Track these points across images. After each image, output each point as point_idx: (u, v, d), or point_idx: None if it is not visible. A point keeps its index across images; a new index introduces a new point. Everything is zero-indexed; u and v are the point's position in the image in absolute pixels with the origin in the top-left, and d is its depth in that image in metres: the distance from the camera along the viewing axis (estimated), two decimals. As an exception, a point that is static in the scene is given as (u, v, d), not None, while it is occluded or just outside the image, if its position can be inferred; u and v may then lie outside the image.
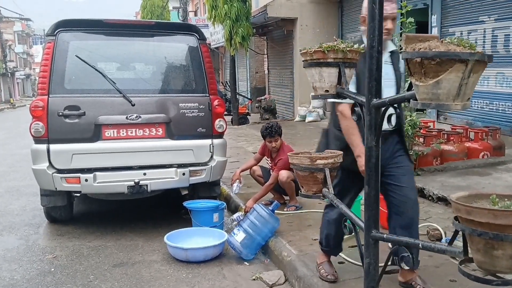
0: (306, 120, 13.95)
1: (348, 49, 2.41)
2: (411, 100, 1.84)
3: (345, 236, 4.33)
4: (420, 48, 1.70)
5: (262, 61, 18.96)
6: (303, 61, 2.56)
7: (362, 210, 4.44)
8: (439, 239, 4.20)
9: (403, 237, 2.34)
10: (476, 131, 6.87)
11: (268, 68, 18.20)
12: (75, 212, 6.02)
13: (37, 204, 5.90)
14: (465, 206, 1.68)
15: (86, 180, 4.89)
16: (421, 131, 6.46)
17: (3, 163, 9.96)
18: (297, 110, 14.72)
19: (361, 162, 2.90)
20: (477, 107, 8.57)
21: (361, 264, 3.77)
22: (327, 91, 2.48)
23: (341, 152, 2.85)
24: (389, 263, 2.28)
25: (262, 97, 16.29)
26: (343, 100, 2.92)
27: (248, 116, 15.57)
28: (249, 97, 18.63)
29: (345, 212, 2.56)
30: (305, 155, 2.82)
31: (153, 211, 6.17)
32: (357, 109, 2.36)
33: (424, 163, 6.20)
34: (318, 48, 2.43)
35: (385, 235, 2.24)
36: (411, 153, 5.86)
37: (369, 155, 2.24)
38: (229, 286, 3.93)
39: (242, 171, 5.60)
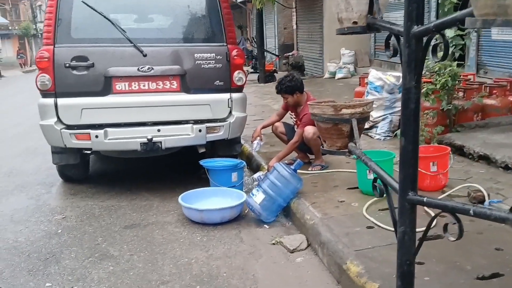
0: (336, 77, 13.33)
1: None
2: (466, 19, 1.37)
3: (375, 198, 3.96)
4: None
5: (290, 16, 18.17)
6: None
7: (395, 170, 4.01)
8: (481, 202, 3.74)
9: (448, 201, 1.91)
10: (522, 84, 6.21)
11: (296, 23, 17.44)
12: (91, 171, 5.78)
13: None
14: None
15: (97, 136, 4.59)
16: (461, 83, 5.88)
17: (25, 123, 9.83)
18: (326, 66, 14.09)
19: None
20: (522, 59, 7.85)
21: (393, 230, 3.38)
22: (355, 22, 2.02)
23: (371, 100, 2.41)
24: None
25: (290, 53, 15.64)
26: None
27: (275, 74, 15.01)
28: (276, 54, 17.99)
29: (375, 170, 2.14)
30: (328, 103, 2.39)
31: (171, 170, 5.88)
32: (393, 41, 1.91)
33: (464, 118, 5.65)
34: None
35: (425, 199, 1.81)
36: (449, 107, 5.33)
37: (407, 98, 1.80)
38: (246, 251, 3.61)
39: (264, 127, 5.19)
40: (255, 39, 15.68)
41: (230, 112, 4.91)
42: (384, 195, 2.18)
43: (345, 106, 2.30)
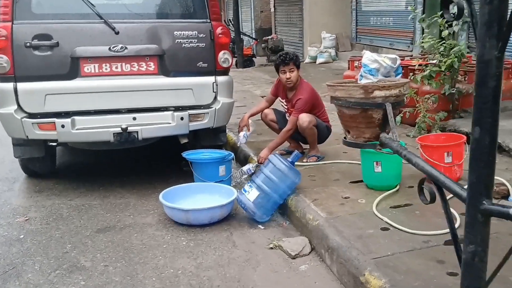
0: (317, 62, 12.85)
1: None
2: None
3: (384, 194, 3.51)
4: None
5: (267, -1, 17.58)
6: None
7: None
8: (505, 197, 3.33)
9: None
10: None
11: (274, 6, 16.85)
12: (58, 164, 5.18)
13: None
14: None
15: (63, 126, 4.00)
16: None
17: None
18: (307, 50, 13.59)
19: None
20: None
21: (411, 232, 2.94)
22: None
23: (407, 80, 1.93)
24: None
25: (269, 37, 15.06)
26: None
27: (253, 58, 14.43)
28: (254, 37, 17.37)
29: (424, 168, 1.65)
30: (355, 84, 1.89)
31: (149, 162, 5.31)
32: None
33: (467, 103, 5.24)
34: None
35: (510, 210, 1.34)
36: (453, 91, 4.91)
37: (485, 74, 1.31)
38: (240, 257, 3.11)
39: (252, 115, 4.64)
40: (231, 22, 15.04)
41: (215, 97, 4.37)
42: (434, 201, 1.69)
43: (378, 87, 1.83)
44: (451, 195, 1.63)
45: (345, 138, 2.00)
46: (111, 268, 3.00)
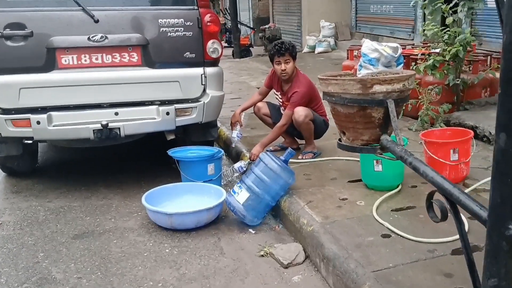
0: (316, 51, 12.52)
1: None
2: None
3: (385, 195, 3.23)
4: None
5: (265, -13, 17.17)
6: None
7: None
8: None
9: None
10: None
11: (272, -6, 16.48)
12: (41, 161, 4.91)
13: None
14: None
15: (39, 122, 3.71)
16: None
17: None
18: (305, 40, 13.24)
19: None
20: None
21: (416, 239, 2.66)
22: None
23: (413, 72, 1.64)
24: None
25: (266, 26, 14.69)
26: None
27: (250, 48, 14.09)
28: (252, 27, 17.00)
29: (434, 180, 1.37)
30: (351, 77, 1.60)
31: (137, 160, 5.03)
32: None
33: (472, 95, 4.95)
34: None
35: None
36: (457, 82, 4.60)
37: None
38: (228, 267, 2.84)
39: (244, 110, 4.34)
40: (228, 11, 14.68)
41: (204, 90, 4.06)
42: (445, 218, 1.40)
43: (378, 80, 1.53)
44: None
45: (339, 140, 1.71)
46: (84, 280, 2.73)
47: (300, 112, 3.92)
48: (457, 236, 2.61)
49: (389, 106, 1.51)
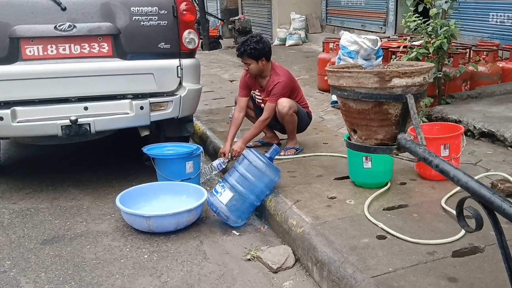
0: (287, 44, 12.37)
1: None
2: None
3: (375, 193, 3.09)
4: None
5: (233, -23, 16.88)
6: None
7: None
8: (511, 195, 2.96)
9: None
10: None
11: (241, -15, 16.21)
12: (4, 160, 4.58)
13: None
14: None
15: (2, 118, 3.40)
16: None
17: None
18: (275, 32, 13.07)
19: None
20: (496, 21, 7.21)
21: (412, 241, 2.53)
22: None
23: (433, 64, 1.48)
24: None
25: (236, 18, 14.43)
26: None
27: (220, 40, 13.82)
28: (221, 18, 16.68)
29: (469, 185, 1.21)
30: (366, 70, 1.42)
31: (107, 157, 4.75)
32: None
33: (452, 88, 4.89)
34: None
35: None
36: (440, 75, 4.52)
37: None
38: (213, 273, 2.65)
39: (233, 138, 3.94)
40: (196, 1, 14.33)
41: (180, 83, 3.83)
42: (480, 228, 1.25)
43: (397, 73, 1.36)
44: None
45: (349, 139, 1.54)
46: (56, 292, 2.49)
47: (284, 103, 3.74)
48: (457, 237, 2.52)
49: (409, 102, 1.35)
